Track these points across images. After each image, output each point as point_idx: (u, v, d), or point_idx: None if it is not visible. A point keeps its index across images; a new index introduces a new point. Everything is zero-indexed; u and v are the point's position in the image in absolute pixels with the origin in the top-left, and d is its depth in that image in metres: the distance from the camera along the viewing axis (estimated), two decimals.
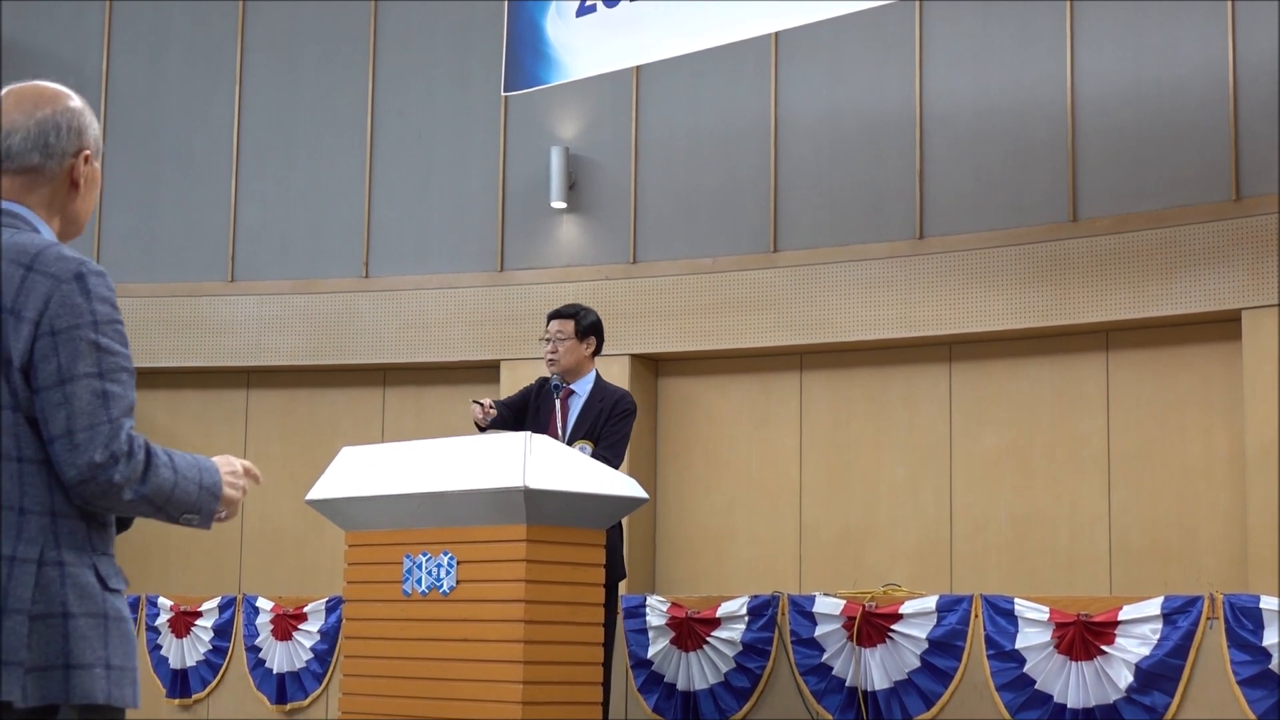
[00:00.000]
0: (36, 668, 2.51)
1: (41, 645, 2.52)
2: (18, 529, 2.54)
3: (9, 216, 2.69)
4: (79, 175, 2.77)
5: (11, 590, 2.51)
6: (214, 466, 2.77)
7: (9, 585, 2.51)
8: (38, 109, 2.73)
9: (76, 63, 11.00)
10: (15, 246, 2.62)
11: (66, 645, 2.53)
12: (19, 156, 2.71)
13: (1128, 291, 8.61)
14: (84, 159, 2.77)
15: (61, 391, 2.55)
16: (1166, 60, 8.72)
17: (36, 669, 2.51)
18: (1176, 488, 8.64)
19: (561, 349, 6.78)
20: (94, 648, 2.56)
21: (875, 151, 9.41)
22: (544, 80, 9.05)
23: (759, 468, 9.73)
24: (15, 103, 2.73)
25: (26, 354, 2.56)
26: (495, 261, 10.21)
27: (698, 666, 7.58)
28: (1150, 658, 6.62)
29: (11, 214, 2.69)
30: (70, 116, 2.75)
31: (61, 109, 2.75)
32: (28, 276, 2.58)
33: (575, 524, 6.00)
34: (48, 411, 2.56)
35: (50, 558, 2.56)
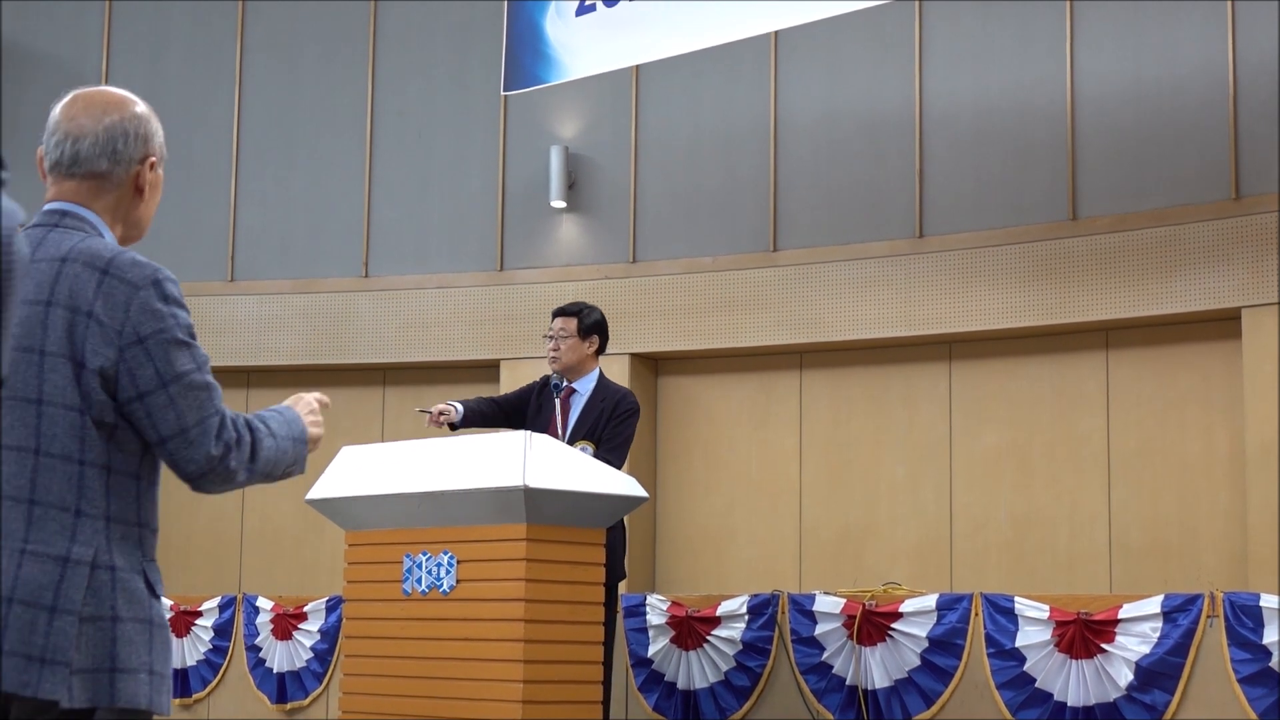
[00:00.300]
0: (83, 669, 2.53)
1: (89, 647, 2.54)
2: (73, 531, 2.57)
3: (74, 220, 2.72)
4: (144, 181, 2.80)
5: (64, 591, 2.54)
6: (297, 415, 2.87)
7: (62, 586, 2.54)
8: (106, 115, 2.77)
9: (76, 63, 11.00)
10: (88, 251, 2.65)
11: (114, 649, 2.56)
12: (87, 162, 2.75)
13: (1128, 290, 8.61)
14: (149, 165, 2.81)
15: (165, 394, 2.61)
16: (1166, 59, 8.72)
17: (83, 671, 2.53)
18: (1176, 486, 8.64)
19: (563, 346, 6.75)
20: (139, 653, 2.59)
21: (875, 151, 9.41)
22: (543, 80, 9.05)
23: (759, 467, 9.73)
24: (84, 108, 2.78)
25: (113, 362, 2.60)
26: (495, 261, 10.21)
27: (698, 665, 7.58)
28: (1150, 656, 6.62)
29: (77, 217, 2.73)
30: (138, 123, 2.79)
31: (129, 115, 2.79)
32: (104, 281, 2.62)
33: (575, 523, 6.00)
34: (155, 415, 2.61)
35: (103, 561, 2.59)
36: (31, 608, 2.52)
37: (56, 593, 2.53)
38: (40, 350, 2.60)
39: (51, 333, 2.60)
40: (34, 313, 2.60)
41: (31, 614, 2.51)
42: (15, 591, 2.52)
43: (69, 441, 2.59)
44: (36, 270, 2.63)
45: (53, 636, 2.51)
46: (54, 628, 2.52)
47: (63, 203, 2.75)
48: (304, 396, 2.96)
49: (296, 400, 2.95)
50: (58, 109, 2.81)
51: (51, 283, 2.62)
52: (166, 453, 2.64)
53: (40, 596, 2.52)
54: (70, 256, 2.65)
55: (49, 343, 2.60)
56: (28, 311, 2.60)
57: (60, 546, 2.56)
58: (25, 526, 2.55)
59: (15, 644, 2.50)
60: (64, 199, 2.76)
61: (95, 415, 2.60)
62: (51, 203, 2.77)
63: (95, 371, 2.59)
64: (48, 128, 2.80)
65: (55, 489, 2.58)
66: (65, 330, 2.60)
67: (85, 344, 2.60)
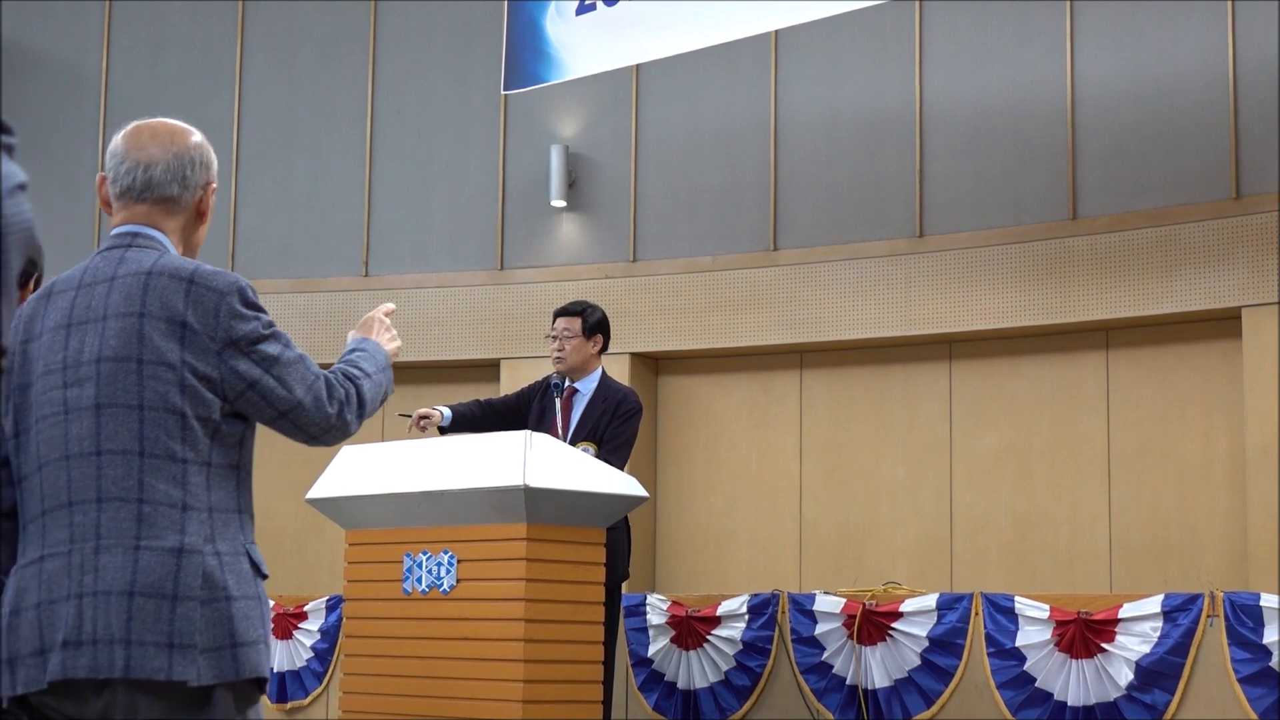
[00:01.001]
0: (208, 649, 2.75)
1: (210, 628, 2.76)
2: (181, 524, 2.79)
3: (145, 239, 2.94)
4: (206, 206, 3.05)
5: (181, 579, 2.76)
6: (377, 344, 3.18)
7: (179, 575, 2.76)
8: (173, 144, 2.99)
9: (76, 63, 11.00)
10: (171, 265, 2.87)
11: (231, 626, 2.78)
12: (159, 187, 2.97)
13: (1128, 290, 8.61)
14: (210, 190, 3.05)
15: (271, 377, 2.87)
16: (1166, 59, 8.72)
17: (208, 650, 2.75)
18: (1176, 486, 8.64)
19: (569, 346, 6.72)
20: (255, 626, 2.82)
21: (875, 150, 9.41)
22: (544, 79, 9.05)
23: (759, 466, 9.73)
24: (150, 137, 2.98)
25: (214, 365, 2.84)
26: (495, 260, 10.21)
27: (698, 665, 7.58)
28: (1151, 656, 6.62)
29: (148, 238, 2.95)
30: (202, 152, 3.03)
31: (194, 144, 3.02)
32: (191, 290, 2.84)
33: (575, 523, 6.00)
34: (268, 397, 2.87)
35: (210, 549, 2.80)
36: (154, 598, 2.74)
37: (175, 582, 2.75)
38: (138, 359, 2.81)
39: (147, 342, 2.81)
40: (128, 324, 2.82)
41: (155, 604, 2.73)
42: (135, 584, 2.74)
43: (171, 443, 2.80)
44: (123, 285, 2.85)
45: (177, 622, 2.73)
46: (177, 614, 2.73)
47: (134, 225, 2.96)
48: (373, 316, 3.26)
49: (368, 323, 3.25)
50: (120, 139, 2.99)
51: (141, 295, 2.84)
52: (288, 423, 2.92)
53: (161, 587, 2.74)
54: (154, 270, 2.86)
55: (145, 352, 2.81)
56: (122, 324, 2.82)
57: (172, 539, 2.77)
58: (136, 524, 2.77)
59: (143, 633, 2.72)
60: (135, 222, 2.97)
61: (200, 415, 2.82)
62: (123, 225, 2.97)
63: (198, 375, 2.82)
64: (112, 155, 2.98)
65: (161, 487, 2.79)
66: (161, 339, 2.82)
67: (184, 350, 2.82)
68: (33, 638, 2.78)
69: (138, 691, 2.73)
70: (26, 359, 2.90)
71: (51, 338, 2.87)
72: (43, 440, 2.83)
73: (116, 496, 2.77)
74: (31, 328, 2.92)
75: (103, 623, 2.72)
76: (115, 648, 2.71)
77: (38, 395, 2.86)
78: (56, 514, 2.80)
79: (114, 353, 2.80)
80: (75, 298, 2.89)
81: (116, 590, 2.73)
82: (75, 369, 2.83)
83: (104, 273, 2.89)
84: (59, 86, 10.97)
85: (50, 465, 2.82)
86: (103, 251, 2.94)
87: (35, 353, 2.89)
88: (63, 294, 2.91)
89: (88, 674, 2.71)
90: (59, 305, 2.90)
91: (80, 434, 2.80)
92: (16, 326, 2.93)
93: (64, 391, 2.83)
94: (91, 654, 2.71)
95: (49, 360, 2.86)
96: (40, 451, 2.84)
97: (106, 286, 2.87)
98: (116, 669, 2.71)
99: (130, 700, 2.73)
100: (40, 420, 2.84)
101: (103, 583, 2.74)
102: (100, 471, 2.78)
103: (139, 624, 2.72)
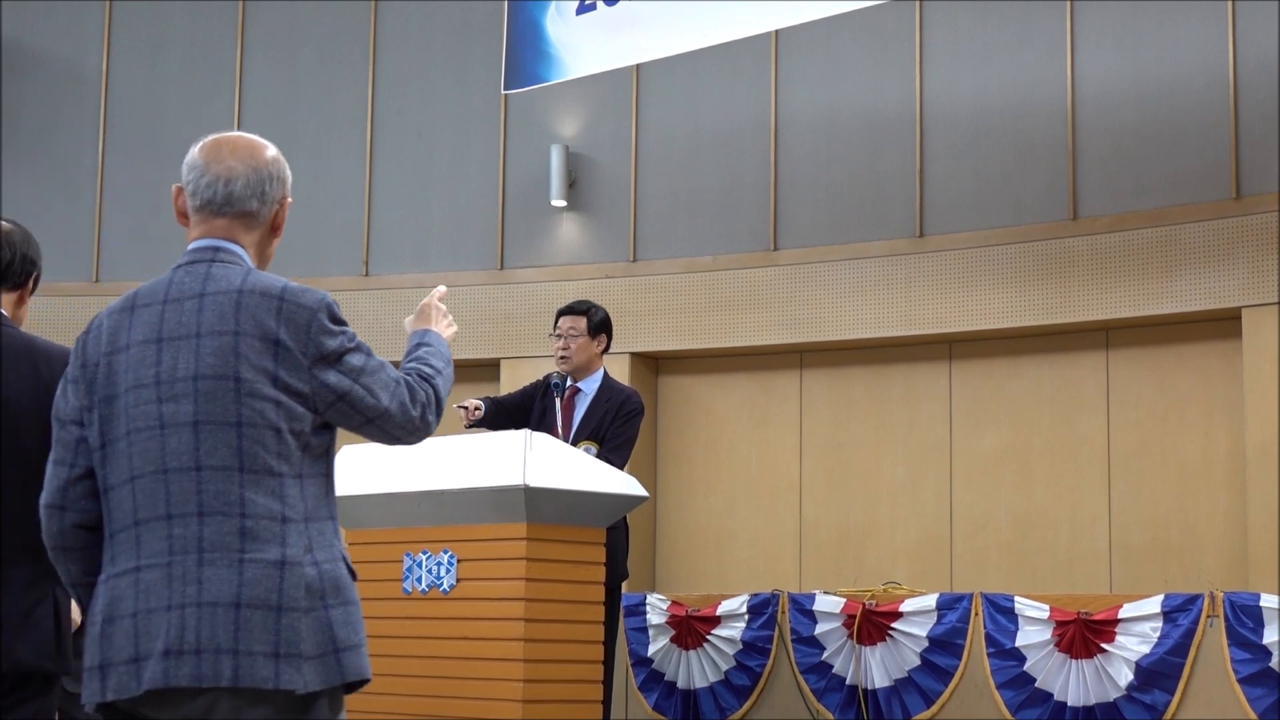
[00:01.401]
0: (312, 657, 2.82)
1: (313, 637, 2.83)
2: (282, 537, 2.86)
3: (227, 254, 2.98)
4: (280, 220, 3.12)
5: (285, 590, 2.83)
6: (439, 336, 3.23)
7: (283, 586, 2.83)
8: (252, 158, 3.06)
9: (76, 63, 11.00)
10: (261, 283, 2.93)
11: (333, 633, 2.85)
12: (239, 201, 3.02)
13: (1128, 290, 8.61)
14: (285, 205, 3.12)
15: (360, 386, 2.94)
16: (1167, 59, 8.72)
17: (312, 658, 2.82)
18: (1176, 486, 8.64)
19: (574, 345, 6.70)
20: (355, 630, 2.90)
21: (875, 150, 9.41)
22: (544, 79, 9.05)
23: (759, 466, 9.73)
24: (230, 152, 3.04)
25: (305, 380, 2.90)
26: (495, 260, 10.21)
27: (698, 665, 7.58)
28: (1150, 656, 6.62)
29: (229, 253, 2.99)
30: (279, 167, 3.11)
31: (271, 158, 3.10)
32: (282, 308, 2.90)
33: (575, 522, 6.00)
34: (357, 406, 2.94)
35: (309, 559, 2.88)
36: (260, 609, 2.80)
37: (280, 593, 2.82)
38: (235, 377, 2.86)
39: (243, 360, 2.87)
40: (223, 343, 2.87)
41: (261, 615, 2.80)
42: (241, 596, 2.80)
43: (268, 457, 2.86)
44: (215, 302, 2.89)
45: (283, 632, 2.80)
46: (282, 624, 2.80)
47: (213, 239, 3.00)
48: (429, 303, 3.29)
49: (424, 312, 3.28)
50: (198, 152, 3.03)
51: (234, 313, 2.88)
52: (375, 429, 3.00)
53: (266, 599, 2.81)
54: (245, 288, 2.91)
55: (242, 369, 2.86)
56: (217, 342, 2.87)
57: (274, 552, 2.84)
58: (239, 538, 2.83)
59: (250, 643, 2.78)
60: (214, 236, 3.00)
61: (293, 429, 2.88)
62: (202, 239, 3.00)
63: (291, 391, 2.88)
64: (191, 168, 3.01)
65: (261, 501, 2.85)
66: (256, 357, 2.87)
67: (277, 367, 2.88)
68: (127, 646, 2.82)
69: (242, 699, 2.79)
70: (112, 371, 2.92)
71: (140, 352, 2.90)
72: (136, 453, 2.87)
73: (218, 511, 2.84)
74: (116, 340, 2.94)
75: (208, 633, 2.78)
76: (222, 657, 2.77)
77: (128, 408, 2.89)
78: (153, 525, 2.85)
79: (210, 370, 2.85)
80: (163, 312, 2.91)
81: (223, 602, 2.79)
82: (170, 385, 2.86)
83: (191, 288, 2.92)
84: (59, 86, 10.97)
85: (145, 478, 2.86)
86: (184, 266, 2.97)
87: (121, 365, 2.91)
88: (148, 308, 2.94)
89: (190, 682, 2.77)
90: (145, 319, 2.93)
91: (178, 449, 2.85)
92: (99, 338, 2.96)
93: (159, 406, 2.87)
94: (195, 663, 2.77)
95: (139, 374, 2.89)
96: (133, 464, 2.88)
97: (196, 303, 2.90)
98: (224, 678, 2.77)
99: (234, 708, 2.80)
100: (133, 433, 2.88)
101: (208, 594, 2.80)
102: (200, 486, 2.84)
103: (246, 634, 2.79)
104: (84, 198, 10.70)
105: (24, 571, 3.44)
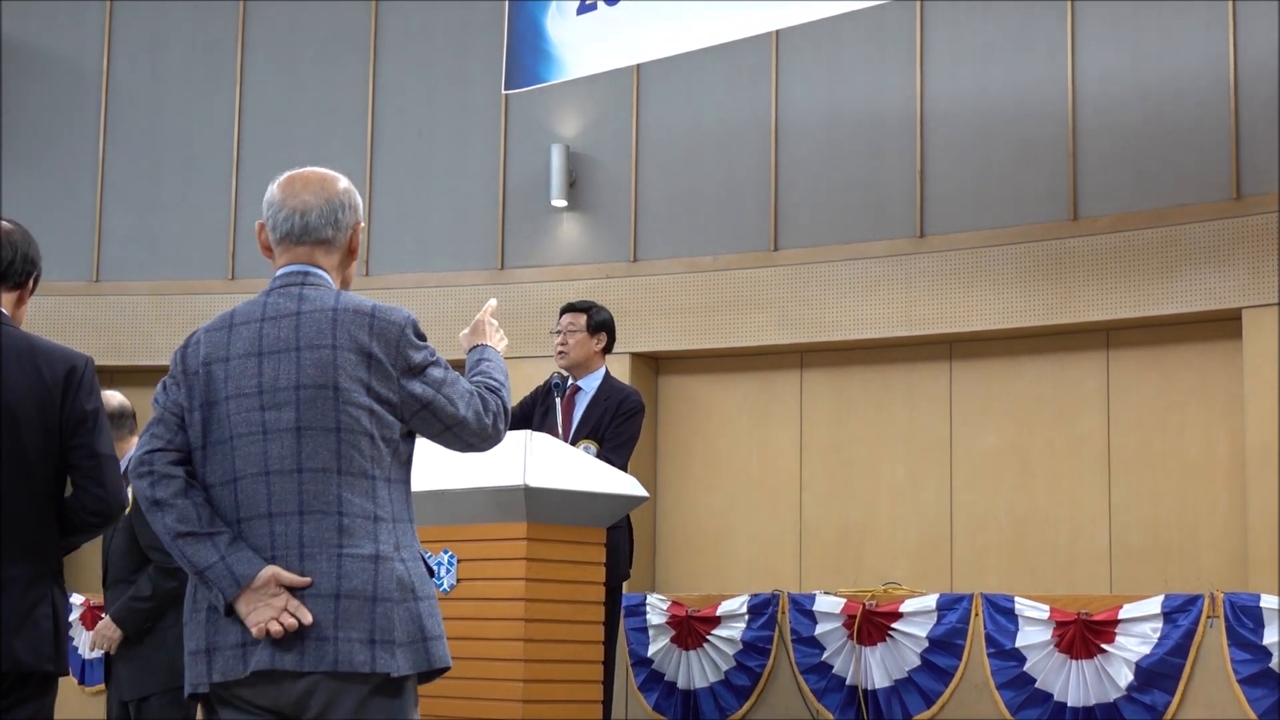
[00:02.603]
0: (404, 644, 3.09)
1: (404, 625, 3.09)
2: (375, 534, 3.13)
3: (315, 278, 3.25)
4: (356, 244, 3.35)
5: (379, 583, 3.09)
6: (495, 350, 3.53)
7: (377, 579, 3.09)
8: (324, 189, 3.31)
9: (76, 63, 11.00)
10: (352, 302, 3.21)
11: (422, 623, 3.13)
12: (316, 231, 3.28)
13: (1128, 290, 8.61)
14: (359, 230, 3.35)
15: (441, 395, 3.20)
16: (1167, 60, 8.72)
17: (404, 645, 3.09)
18: (1177, 486, 8.64)
19: (572, 341, 6.70)
20: (438, 622, 3.18)
21: (875, 150, 9.41)
22: (544, 78, 9.05)
23: (759, 466, 9.73)
24: (304, 186, 3.30)
25: (395, 391, 3.17)
26: (496, 260, 10.21)
27: (698, 665, 7.58)
28: (1150, 656, 6.62)
29: (316, 276, 3.26)
30: (350, 196, 3.33)
31: (343, 189, 3.33)
32: (373, 325, 3.18)
33: (575, 522, 6.00)
34: (438, 415, 3.21)
35: (398, 555, 3.14)
36: (357, 599, 3.06)
37: (375, 585, 3.08)
38: (334, 386, 3.12)
39: (341, 371, 3.13)
40: (322, 356, 3.14)
41: (358, 605, 3.06)
42: (340, 588, 3.06)
43: (363, 461, 3.13)
44: (312, 320, 3.17)
45: (378, 621, 3.06)
46: (377, 613, 3.06)
47: (300, 265, 3.27)
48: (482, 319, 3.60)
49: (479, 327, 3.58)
50: (276, 189, 3.31)
51: (331, 330, 3.16)
52: (452, 436, 3.26)
53: (363, 590, 3.07)
54: (339, 307, 3.19)
55: (341, 379, 3.13)
56: (316, 355, 3.14)
57: (369, 548, 3.10)
58: (338, 534, 3.09)
59: (349, 630, 3.05)
60: (298, 262, 3.27)
61: (384, 435, 3.15)
62: (289, 266, 3.27)
63: (382, 400, 3.15)
64: (270, 204, 3.30)
65: (357, 501, 3.12)
66: (352, 368, 3.14)
67: (370, 378, 3.15)
68: (234, 631, 3.07)
69: (340, 682, 3.04)
70: (211, 379, 3.17)
71: (241, 364, 3.15)
72: (238, 456, 3.12)
73: (318, 510, 3.10)
74: (215, 352, 3.19)
75: (310, 621, 3.03)
76: (324, 644, 3.03)
77: (230, 414, 3.14)
78: (254, 523, 3.11)
79: (311, 380, 3.12)
80: (261, 329, 3.17)
81: (324, 593, 3.05)
82: (273, 394, 3.12)
83: (287, 308, 3.19)
84: (60, 86, 10.97)
85: (247, 479, 3.12)
86: (277, 289, 3.23)
87: (220, 375, 3.16)
88: (246, 325, 3.19)
89: (294, 665, 3.03)
90: (244, 335, 3.18)
91: (281, 453, 3.11)
92: (196, 351, 3.20)
93: (262, 414, 3.12)
94: (300, 648, 3.03)
95: (240, 384, 3.14)
96: (236, 466, 3.13)
97: (293, 320, 3.17)
98: (325, 663, 3.03)
99: (333, 690, 3.04)
100: (236, 438, 3.13)
101: (310, 586, 3.06)
102: (301, 487, 3.10)
103: (345, 622, 3.05)
104: (84, 197, 10.71)
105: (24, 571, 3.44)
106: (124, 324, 10.62)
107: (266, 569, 3.07)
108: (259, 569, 3.07)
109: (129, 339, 10.62)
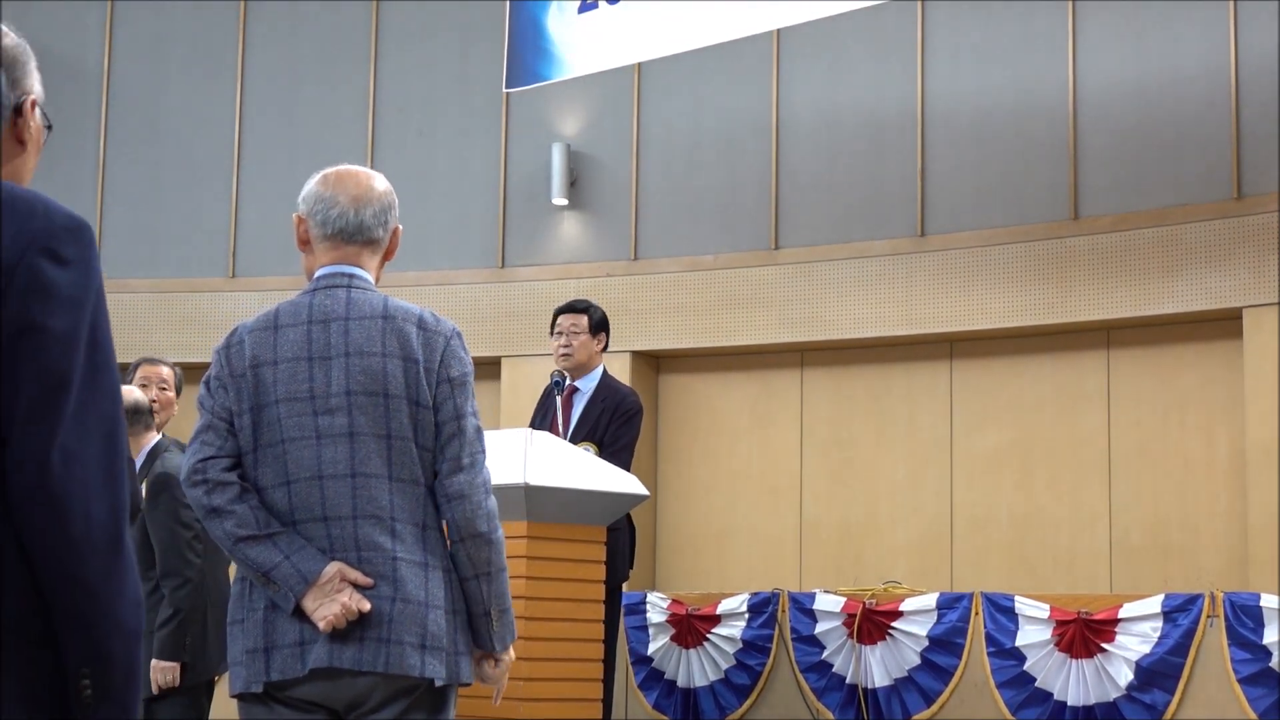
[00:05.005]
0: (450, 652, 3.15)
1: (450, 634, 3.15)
2: (423, 541, 3.16)
3: (361, 280, 3.26)
4: (395, 246, 3.38)
5: (430, 590, 3.13)
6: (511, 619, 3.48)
7: (429, 586, 3.13)
8: (373, 189, 3.34)
9: (76, 62, 11.00)
10: (401, 309, 3.22)
11: (456, 635, 3.18)
12: (369, 230, 3.30)
13: (1129, 289, 8.61)
14: (399, 233, 3.38)
15: (458, 424, 3.19)
16: (1168, 59, 8.72)
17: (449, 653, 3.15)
18: (1177, 486, 8.64)
19: (575, 343, 6.70)
20: (467, 638, 3.22)
21: (876, 149, 9.41)
22: (545, 77, 9.05)
23: (759, 465, 9.73)
24: (354, 184, 3.33)
25: (432, 396, 3.17)
26: (496, 258, 10.21)
27: (698, 663, 7.59)
28: (1151, 656, 6.63)
29: (362, 279, 3.27)
30: (393, 197, 3.37)
31: (387, 189, 3.37)
32: (421, 333, 3.19)
33: (575, 520, 6.00)
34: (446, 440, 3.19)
35: (443, 565, 3.18)
36: (411, 604, 3.10)
37: (426, 591, 3.12)
38: (385, 394, 3.14)
39: (391, 379, 3.15)
40: (374, 363, 3.15)
41: (413, 609, 3.10)
42: (397, 591, 3.09)
43: (413, 467, 3.16)
44: (362, 326, 3.17)
45: (429, 626, 3.11)
46: (429, 619, 3.11)
47: (345, 265, 3.28)
48: None
49: None
50: (321, 184, 3.34)
51: (381, 337, 3.17)
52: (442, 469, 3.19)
53: (416, 594, 3.11)
54: (388, 314, 3.20)
55: (391, 386, 3.15)
56: (368, 362, 3.15)
57: (419, 554, 3.14)
58: (391, 540, 3.12)
59: (401, 634, 3.09)
60: (345, 262, 3.28)
61: (424, 444, 3.17)
62: (333, 265, 3.28)
63: (426, 408, 3.17)
64: (318, 199, 3.32)
65: (407, 507, 3.15)
66: (401, 376, 3.15)
67: (419, 387, 3.16)
68: (292, 630, 3.09)
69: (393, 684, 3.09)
70: (259, 382, 3.17)
71: (291, 368, 3.16)
72: (291, 460, 3.14)
73: (371, 514, 3.12)
74: (262, 354, 3.19)
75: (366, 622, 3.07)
76: (381, 645, 3.07)
77: (281, 418, 3.15)
78: (310, 526, 3.13)
79: (362, 387, 3.13)
80: (309, 332, 3.19)
81: (383, 595, 3.08)
82: (325, 399, 3.13)
83: (335, 311, 3.20)
84: (60, 84, 10.96)
85: (300, 483, 3.13)
86: (322, 290, 3.24)
87: (268, 378, 3.17)
88: (293, 328, 3.20)
89: (351, 665, 3.06)
90: (291, 338, 3.19)
91: (335, 458, 3.12)
92: (241, 352, 3.21)
93: (315, 419, 3.13)
94: (357, 648, 3.06)
95: (290, 388, 3.15)
96: (289, 470, 3.14)
97: (342, 325, 3.18)
98: (379, 664, 3.06)
99: (386, 691, 3.09)
100: (289, 442, 3.14)
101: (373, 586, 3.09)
102: (355, 491, 3.12)
103: (399, 626, 3.09)
104: (85, 196, 10.70)
105: None
106: (125, 321, 10.62)
107: (332, 565, 3.08)
108: (324, 565, 3.07)
109: (130, 336, 10.61)
